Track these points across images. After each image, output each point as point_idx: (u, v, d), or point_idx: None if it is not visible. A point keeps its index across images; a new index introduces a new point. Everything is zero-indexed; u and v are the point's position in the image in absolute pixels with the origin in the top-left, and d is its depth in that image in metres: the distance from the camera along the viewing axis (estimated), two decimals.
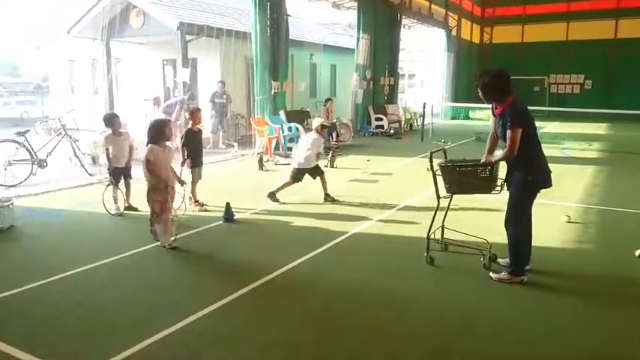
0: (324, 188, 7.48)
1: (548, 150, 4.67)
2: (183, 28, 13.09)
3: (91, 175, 9.34)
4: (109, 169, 6.78)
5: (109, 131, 6.76)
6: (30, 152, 8.96)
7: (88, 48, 16.85)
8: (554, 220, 6.30)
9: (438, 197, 4.84)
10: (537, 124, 4.48)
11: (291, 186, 7.44)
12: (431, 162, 4.82)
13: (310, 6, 20.03)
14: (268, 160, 11.27)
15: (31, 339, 3.45)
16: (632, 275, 4.68)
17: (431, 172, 4.81)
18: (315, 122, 7.86)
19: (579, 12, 27.00)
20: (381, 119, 17.56)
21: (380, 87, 18.80)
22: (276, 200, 7.34)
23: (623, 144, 14.78)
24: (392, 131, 17.20)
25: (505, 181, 4.57)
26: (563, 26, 27.72)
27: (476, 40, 29.66)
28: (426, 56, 29.35)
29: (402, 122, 18.78)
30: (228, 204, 6.41)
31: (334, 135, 13.86)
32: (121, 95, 16.50)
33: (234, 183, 8.99)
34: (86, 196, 7.68)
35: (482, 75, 4.37)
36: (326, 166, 10.87)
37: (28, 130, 9.31)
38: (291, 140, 12.55)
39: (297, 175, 7.44)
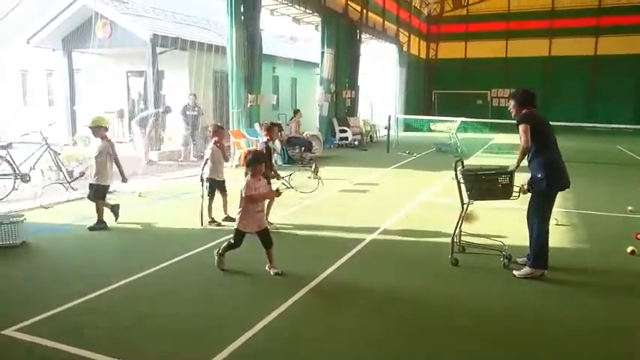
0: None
1: (507, 160, 5.20)
2: (155, 40, 12.99)
3: (74, 189, 9.10)
4: (206, 180, 6.93)
5: (212, 142, 6.93)
6: (12, 166, 8.62)
7: (44, 58, 16.24)
8: None
9: (462, 203, 5.28)
10: (483, 135, 5.17)
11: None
12: (455, 171, 5.27)
13: (270, 20, 20.34)
14: None
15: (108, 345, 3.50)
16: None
17: (455, 181, 5.28)
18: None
19: (517, 31, 29.03)
20: (345, 131, 18.09)
21: (342, 100, 19.37)
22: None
23: (566, 154, 15.96)
24: (356, 142, 17.77)
25: (530, 184, 5.07)
26: (503, 44, 29.69)
27: (423, 55, 31.06)
28: (373, 70, 30.22)
29: (364, 134, 19.41)
30: None
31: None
32: (81, 107, 15.97)
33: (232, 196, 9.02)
34: (84, 211, 7.51)
35: (516, 91, 5.29)
36: (309, 178, 11.12)
37: (11, 144, 8.94)
38: None
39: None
